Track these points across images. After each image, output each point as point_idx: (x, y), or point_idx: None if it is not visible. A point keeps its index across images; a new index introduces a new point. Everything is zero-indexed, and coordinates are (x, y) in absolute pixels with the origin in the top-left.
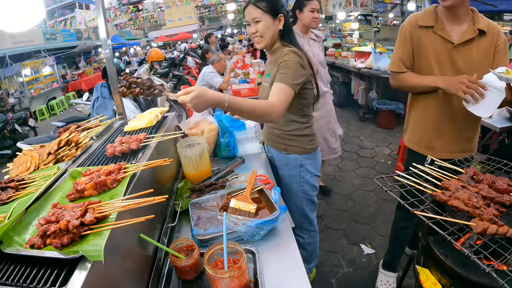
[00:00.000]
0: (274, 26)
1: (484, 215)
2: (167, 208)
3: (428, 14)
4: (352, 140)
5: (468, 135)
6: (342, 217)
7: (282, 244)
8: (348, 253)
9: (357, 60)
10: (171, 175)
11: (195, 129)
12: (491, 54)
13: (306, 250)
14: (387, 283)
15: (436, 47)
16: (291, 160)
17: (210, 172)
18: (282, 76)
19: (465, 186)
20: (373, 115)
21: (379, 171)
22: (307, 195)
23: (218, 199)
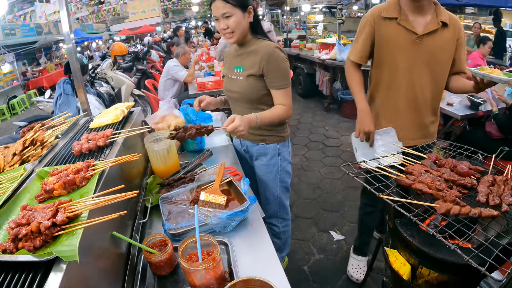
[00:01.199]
0: (244, 19)
1: (447, 197)
2: (137, 204)
3: (391, 6)
4: (317, 130)
5: (429, 122)
6: (311, 206)
7: (254, 234)
8: (318, 240)
9: (321, 51)
10: (139, 171)
11: (161, 124)
12: (453, 45)
13: (280, 239)
14: (358, 266)
15: (400, 38)
16: (269, 150)
17: (179, 166)
18: (280, 81)
19: (428, 171)
20: (338, 105)
21: (345, 160)
22: (284, 182)
23: (187, 192)
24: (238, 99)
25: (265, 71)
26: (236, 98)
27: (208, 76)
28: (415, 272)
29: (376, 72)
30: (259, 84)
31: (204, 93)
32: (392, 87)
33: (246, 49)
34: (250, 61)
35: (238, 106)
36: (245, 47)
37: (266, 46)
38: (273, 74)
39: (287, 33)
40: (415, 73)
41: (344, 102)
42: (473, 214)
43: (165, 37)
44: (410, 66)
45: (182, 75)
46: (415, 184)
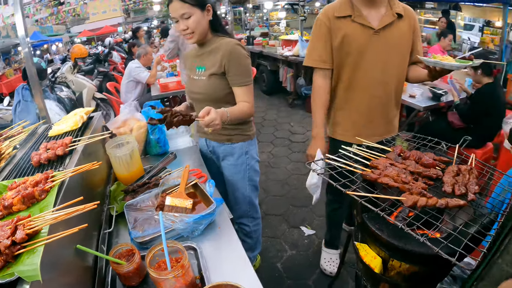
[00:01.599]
0: (204, 18)
1: (413, 189)
2: (101, 213)
3: (343, 4)
4: (283, 127)
5: (393, 116)
6: (280, 203)
7: (223, 237)
8: (289, 236)
9: (284, 48)
10: (102, 178)
11: (123, 128)
12: (410, 36)
13: (251, 238)
14: (330, 260)
15: (357, 35)
16: (236, 150)
17: (143, 171)
18: (242, 78)
19: (393, 164)
20: (302, 100)
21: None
22: (252, 181)
23: (153, 198)
24: (202, 100)
25: (226, 69)
26: (199, 99)
27: (170, 77)
28: (387, 265)
29: (336, 73)
30: (222, 82)
31: (167, 94)
32: (355, 87)
33: (207, 48)
34: (211, 60)
35: (202, 107)
36: (205, 47)
37: (227, 44)
38: (235, 71)
39: (249, 31)
40: (377, 69)
41: (308, 98)
42: (440, 205)
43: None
44: (371, 63)
45: (144, 77)
46: (381, 178)
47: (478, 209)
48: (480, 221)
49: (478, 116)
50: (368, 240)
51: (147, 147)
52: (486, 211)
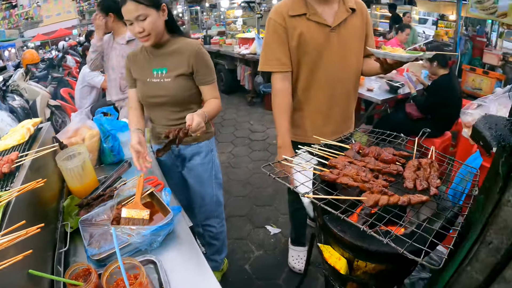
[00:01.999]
0: (160, 19)
1: (374, 188)
2: (55, 231)
3: (296, 2)
4: (242, 126)
5: (351, 112)
6: (243, 203)
7: (183, 246)
8: (255, 236)
9: (241, 46)
10: (54, 194)
11: (75, 138)
12: (364, 30)
13: (218, 239)
14: (298, 257)
15: (314, 33)
16: (203, 148)
17: (97, 182)
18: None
19: (352, 162)
20: (261, 98)
21: (272, 152)
22: (218, 179)
23: (108, 211)
24: (165, 102)
25: (194, 69)
26: (162, 102)
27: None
28: (352, 265)
29: (294, 74)
30: (188, 83)
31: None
32: (314, 86)
33: (166, 49)
34: (174, 61)
35: (163, 111)
36: (164, 48)
37: (191, 44)
38: (203, 70)
39: (206, 30)
40: (335, 67)
41: (267, 95)
42: (402, 202)
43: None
44: (329, 61)
45: (99, 81)
46: (340, 178)
47: (441, 203)
48: (444, 216)
49: (435, 107)
50: (331, 241)
51: (101, 156)
52: (449, 204)
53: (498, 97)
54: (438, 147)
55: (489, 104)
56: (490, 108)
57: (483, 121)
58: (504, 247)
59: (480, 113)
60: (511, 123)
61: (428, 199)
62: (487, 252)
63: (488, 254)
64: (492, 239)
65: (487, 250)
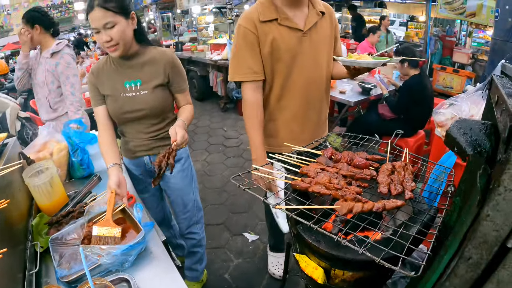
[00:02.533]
0: (129, 27)
1: (347, 195)
2: (25, 252)
3: (266, 7)
4: (216, 132)
5: (325, 116)
6: (219, 211)
7: (156, 262)
8: (233, 244)
9: (213, 52)
10: (22, 212)
11: (43, 152)
12: (333, 33)
13: (201, 246)
14: (278, 263)
15: (286, 38)
16: (182, 155)
17: (66, 198)
18: (184, 84)
19: (325, 169)
20: (234, 104)
21: (247, 158)
22: (195, 183)
23: (78, 229)
24: (145, 116)
25: (171, 78)
26: (140, 116)
27: None
28: (329, 274)
29: (268, 83)
30: (165, 93)
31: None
32: (288, 94)
33: (138, 60)
34: (149, 72)
35: (139, 125)
36: (135, 59)
37: (164, 53)
38: (179, 79)
39: (178, 37)
40: (308, 70)
41: (240, 101)
42: (376, 209)
43: None
44: (302, 65)
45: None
46: (312, 187)
47: (416, 206)
48: (421, 220)
49: (407, 107)
50: (306, 251)
51: (71, 170)
52: (425, 206)
53: (470, 96)
54: (412, 146)
55: (461, 103)
56: (462, 107)
57: (457, 126)
58: (484, 262)
59: (452, 112)
60: (486, 127)
61: (403, 203)
62: (466, 267)
63: (468, 269)
64: (471, 255)
65: (466, 265)
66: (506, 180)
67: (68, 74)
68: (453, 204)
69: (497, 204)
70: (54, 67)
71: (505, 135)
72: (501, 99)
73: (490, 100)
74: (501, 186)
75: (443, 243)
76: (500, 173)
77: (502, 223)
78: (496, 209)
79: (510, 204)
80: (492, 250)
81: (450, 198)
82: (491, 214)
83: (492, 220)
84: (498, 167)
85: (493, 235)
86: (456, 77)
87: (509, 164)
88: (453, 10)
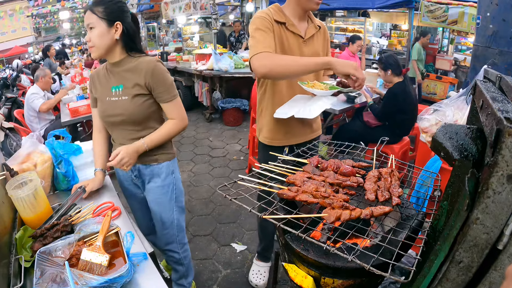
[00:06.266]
0: (109, 34)
1: (335, 203)
2: (8, 266)
3: (277, 12)
4: (202, 143)
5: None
6: (206, 222)
7: (144, 275)
8: (221, 255)
9: (198, 62)
10: (5, 225)
11: (26, 163)
12: (325, 47)
13: (182, 265)
14: (258, 272)
15: (290, 41)
16: (163, 169)
17: (51, 210)
18: (167, 94)
19: (311, 177)
20: (219, 114)
21: (233, 168)
22: (179, 202)
23: (66, 248)
24: (123, 121)
25: (151, 87)
26: (120, 122)
27: (81, 100)
28: (319, 282)
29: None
30: (146, 102)
31: (78, 119)
32: (287, 91)
33: (123, 67)
34: (130, 79)
35: (123, 130)
36: (122, 65)
37: (147, 62)
38: (161, 88)
39: (163, 47)
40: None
41: (225, 111)
42: (364, 216)
43: (37, 58)
44: None
45: (36, 104)
46: (299, 196)
47: (404, 212)
48: (409, 225)
49: (391, 114)
50: (295, 260)
51: (55, 182)
52: (413, 212)
53: (453, 101)
54: (398, 153)
55: (445, 109)
56: (446, 113)
57: (443, 131)
58: (475, 265)
59: (436, 118)
60: (472, 131)
61: (391, 209)
62: (458, 271)
63: (459, 273)
64: (462, 258)
65: (457, 269)
66: (495, 183)
67: None
68: (441, 208)
69: (487, 207)
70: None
71: (491, 139)
72: (485, 103)
73: (474, 105)
74: (490, 189)
75: (433, 247)
76: (489, 176)
77: (492, 225)
78: (485, 212)
79: (499, 207)
80: (483, 253)
81: (437, 202)
82: (481, 217)
83: (482, 223)
84: (486, 170)
85: (483, 238)
86: (439, 84)
87: (497, 167)
88: (436, 18)
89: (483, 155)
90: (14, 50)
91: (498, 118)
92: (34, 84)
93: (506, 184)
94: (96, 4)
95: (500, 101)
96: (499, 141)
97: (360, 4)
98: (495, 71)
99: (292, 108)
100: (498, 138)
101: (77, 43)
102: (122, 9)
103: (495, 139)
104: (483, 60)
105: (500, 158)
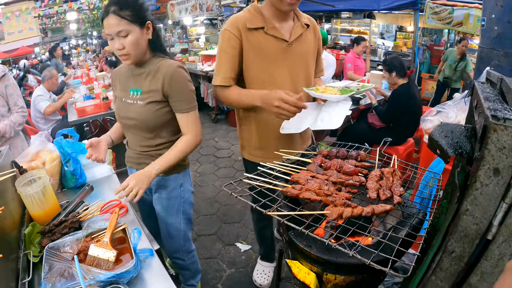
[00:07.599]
0: (143, 37)
1: (337, 201)
2: (17, 261)
3: (254, 15)
4: (207, 143)
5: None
6: (211, 221)
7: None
8: (226, 255)
9: (204, 63)
10: (15, 221)
11: (35, 161)
12: (316, 45)
13: (189, 270)
14: (263, 272)
15: (271, 48)
16: (170, 182)
17: (59, 207)
18: (185, 104)
19: (315, 176)
20: (225, 115)
21: (238, 169)
22: (187, 214)
23: (74, 243)
24: (135, 126)
25: (168, 93)
26: (133, 126)
27: (87, 100)
28: (322, 279)
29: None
30: (161, 110)
31: (85, 119)
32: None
33: (144, 69)
34: (148, 83)
35: (135, 135)
36: (142, 67)
37: (168, 66)
38: (177, 97)
39: (169, 48)
40: (291, 81)
41: (231, 111)
42: (366, 213)
43: (44, 59)
44: (286, 76)
45: (42, 106)
46: (302, 194)
47: (405, 210)
48: (409, 223)
49: (396, 116)
50: (298, 256)
51: (63, 180)
52: (414, 210)
53: (457, 103)
54: (402, 154)
55: (448, 110)
56: (449, 114)
57: (439, 129)
58: (467, 254)
59: (439, 119)
60: (467, 130)
61: (392, 207)
62: (450, 261)
63: (452, 263)
64: (454, 248)
65: (450, 259)
66: (482, 176)
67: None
68: (441, 206)
69: (475, 198)
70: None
71: (479, 134)
72: (479, 103)
73: (471, 105)
74: (478, 181)
75: (431, 243)
76: (476, 169)
77: (481, 216)
78: (474, 203)
79: (487, 198)
80: (473, 243)
81: (438, 202)
82: (470, 209)
83: (471, 214)
84: (474, 164)
85: (473, 228)
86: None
87: (483, 161)
88: (441, 20)
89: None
90: (21, 50)
91: (485, 115)
92: (40, 85)
93: (492, 177)
94: (121, 8)
95: (492, 100)
96: (485, 136)
97: (366, 5)
98: (497, 73)
99: (304, 120)
100: (485, 134)
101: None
102: (146, 7)
103: (482, 135)
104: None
105: (486, 152)
